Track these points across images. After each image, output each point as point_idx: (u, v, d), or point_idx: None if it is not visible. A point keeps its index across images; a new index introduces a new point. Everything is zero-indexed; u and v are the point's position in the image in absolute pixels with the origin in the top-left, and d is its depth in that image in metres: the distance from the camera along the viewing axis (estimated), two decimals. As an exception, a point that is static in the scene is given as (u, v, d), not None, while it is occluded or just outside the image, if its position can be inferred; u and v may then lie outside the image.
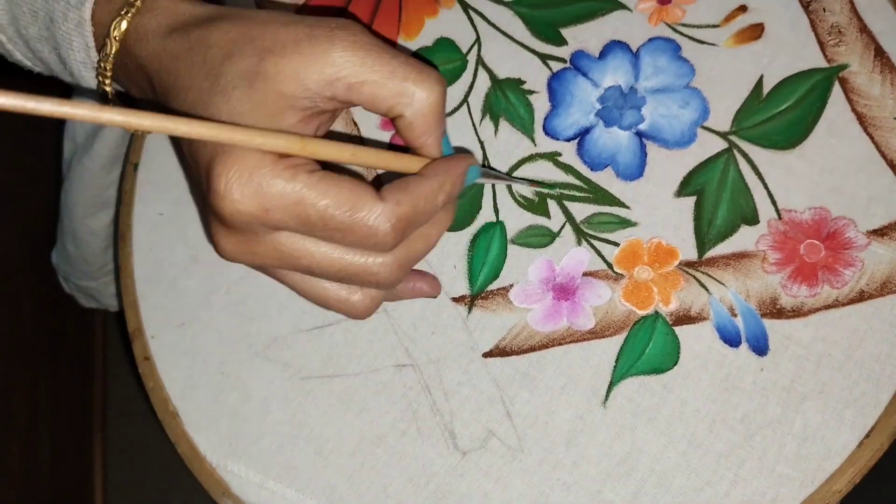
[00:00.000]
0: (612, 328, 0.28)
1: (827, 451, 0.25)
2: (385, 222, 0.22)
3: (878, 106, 0.29)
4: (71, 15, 0.25)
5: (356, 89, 0.22)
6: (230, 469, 0.29)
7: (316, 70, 0.22)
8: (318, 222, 0.21)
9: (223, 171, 0.21)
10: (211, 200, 0.21)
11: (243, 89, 0.22)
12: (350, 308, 0.25)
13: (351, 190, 0.22)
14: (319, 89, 0.22)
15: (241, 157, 0.21)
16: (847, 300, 0.27)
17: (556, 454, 0.27)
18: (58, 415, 0.71)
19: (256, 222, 0.21)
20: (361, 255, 0.23)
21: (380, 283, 0.24)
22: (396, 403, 0.28)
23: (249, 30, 0.23)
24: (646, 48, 0.31)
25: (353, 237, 0.22)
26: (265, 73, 0.22)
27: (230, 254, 0.23)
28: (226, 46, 0.23)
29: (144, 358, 0.31)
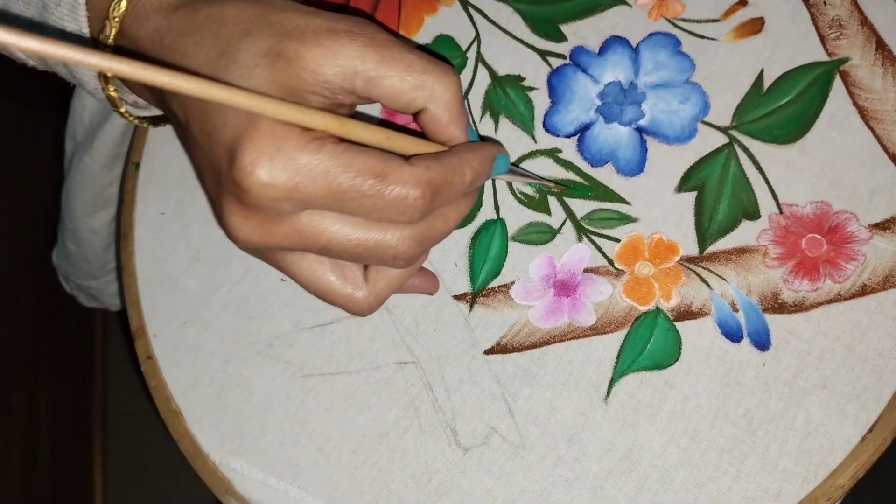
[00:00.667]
0: (613, 324, 0.28)
1: (830, 446, 0.25)
2: (416, 186, 0.21)
3: (880, 99, 0.29)
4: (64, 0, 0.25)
5: (376, 83, 0.22)
6: (233, 467, 0.29)
7: (336, 62, 0.21)
8: (349, 190, 0.21)
9: (250, 145, 0.20)
10: (236, 177, 0.21)
11: (265, 67, 0.21)
12: (353, 303, 0.25)
13: (380, 157, 0.21)
14: (340, 82, 0.22)
15: (269, 131, 0.20)
16: (849, 294, 0.27)
17: (557, 450, 0.27)
18: (58, 415, 0.71)
19: (284, 198, 0.21)
20: (381, 229, 0.22)
21: (397, 258, 0.23)
22: (398, 401, 0.28)
23: (266, 13, 0.22)
24: (645, 43, 0.30)
25: (383, 202, 0.21)
26: (286, 55, 0.21)
27: (246, 236, 0.22)
28: (241, 24, 0.22)
29: (147, 357, 0.31)
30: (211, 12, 0.22)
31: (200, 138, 0.22)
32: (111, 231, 0.52)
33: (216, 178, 0.22)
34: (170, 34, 0.23)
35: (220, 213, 0.22)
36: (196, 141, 0.23)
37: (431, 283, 0.28)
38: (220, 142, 0.21)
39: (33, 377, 0.67)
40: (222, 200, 0.22)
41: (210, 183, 0.23)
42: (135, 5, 0.24)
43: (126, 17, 0.24)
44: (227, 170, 0.21)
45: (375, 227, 0.22)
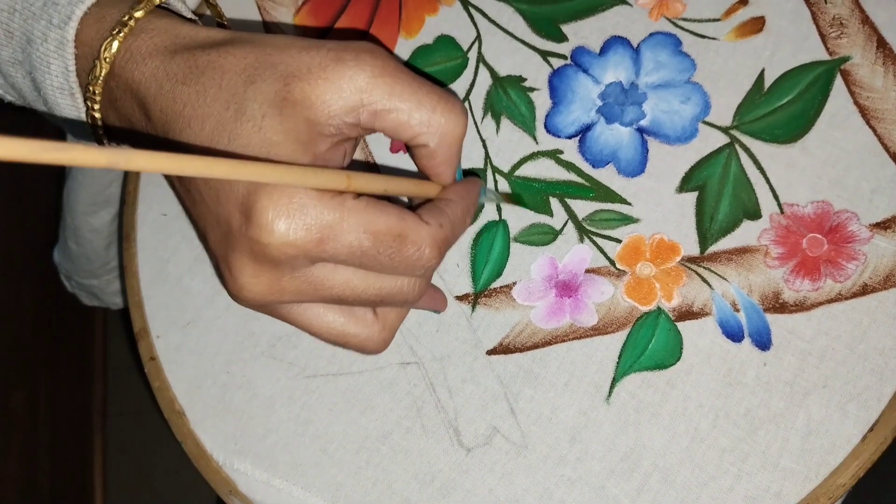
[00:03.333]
0: (614, 324, 0.28)
1: (831, 445, 0.25)
2: (433, 246, 0.22)
3: (881, 98, 0.29)
4: (52, 35, 0.23)
5: (381, 117, 0.22)
6: (236, 467, 0.29)
7: (342, 96, 0.21)
8: (370, 249, 0.21)
9: (269, 203, 0.20)
10: (253, 234, 0.20)
11: (273, 117, 0.21)
12: (368, 343, 0.24)
13: (397, 215, 0.21)
14: (345, 116, 0.21)
15: (287, 189, 0.20)
16: (850, 294, 0.27)
17: (559, 450, 0.27)
18: (58, 415, 0.71)
19: (304, 255, 0.20)
20: (394, 279, 0.22)
21: (409, 302, 0.23)
22: (401, 401, 0.28)
23: (268, 55, 0.21)
24: (646, 43, 0.30)
25: (400, 261, 0.21)
26: (293, 99, 0.21)
27: (256, 294, 0.21)
28: (245, 72, 0.21)
29: (150, 358, 0.31)
30: (210, 60, 0.22)
31: (205, 192, 0.21)
32: (112, 230, 0.52)
33: (223, 235, 0.21)
34: (168, 81, 0.22)
35: (226, 270, 0.21)
36: (199, 194, 0.22)
37: (440, 302, 0.28)
38: (232, 198, 0.20)
39: (33, 377, 0.67)
40: (231, 257, 0.21)
41: (214, 238, 0.22)
42: (128, 47, 0.23)
43: (118, 58, 0.23)
44: (240, 226, 0.20)
45: (387, 277, 0.22)
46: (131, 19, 0.23)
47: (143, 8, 0.23)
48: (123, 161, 0.15)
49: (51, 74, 0.24)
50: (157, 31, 0.23)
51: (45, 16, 0.23)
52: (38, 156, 0.14)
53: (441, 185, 0.24)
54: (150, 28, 0.23)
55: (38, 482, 0.65)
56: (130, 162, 0.16)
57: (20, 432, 0.63)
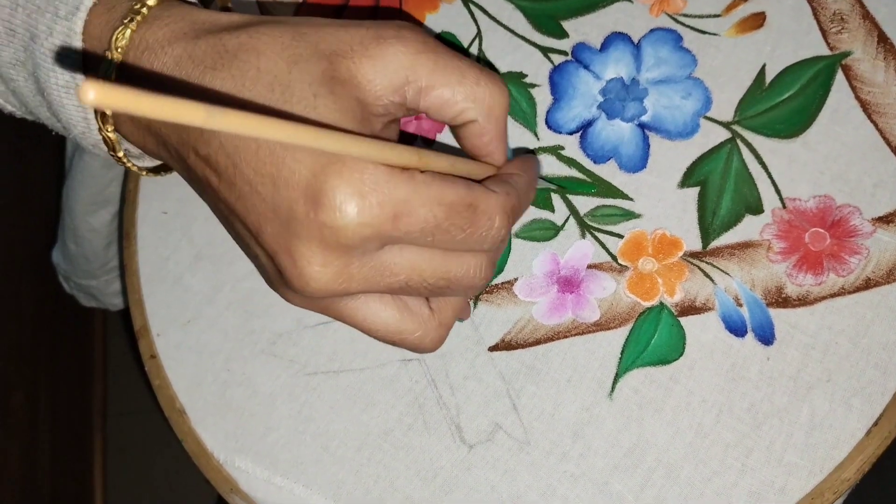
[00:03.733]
0: (617, 320, 0.28)
1: (835, 440, 0.25)
2: (503, 214, 0.21)
3: (882, 93, 0.29)
4: (58, 28, 0.22)
5: (426, 93, 0.21)
6: (237, 465, 0.29)
7: (387, 74, 0.20)
8: (444, 221, 0.20)
9: (339, 182, 0.18)
10: (325, 218, 0.19)
11: (326, 97, 0.19)
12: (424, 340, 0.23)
13: (466, 186, 0.20)
14: (391, 95, 0.20)
15: (356, 166, 0.18)
16: (853, 288, 0.27)
17: (562, 446, 0.27)
18: (58, 415, 0.71)
19: (377, 235, 0.19)
20: (461, 259, 0.21)
21: (476, 287, 0.22)
22: (402, 398, 0.28)
23: (305, 34, 0.20)
24: (647, 39, 0.30)
25: (472, 231, 0.20)
26: (341, 78, 0.20)
27: (324, 285, 0.20)
28: (284, 52, 0.20)
29: (150, 356, 0.30)
30: (241, 42, 0.20)
31: (257, 181, 0.20)
32: (111, 230, 0.52)
33: (284, 224, 0.20)
34: (196, 67, 0.20)
35: (290, 263, 0.20)
36: (249, 186, 0.20)
37: (465, 308, 0.27)
38: (292, 183, 0.19)
39: (33, 377, 0.67)
40: (296, 247, 0.19)
41: (272, 230, 0.20)
42: (143, 37, 0.21)
43: (132, 49, 0.21)
44: (307, 212, 0.19)
45: (454, 257, 0.21)
46: (143, 6, 0.21)
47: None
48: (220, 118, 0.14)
49: (56, 72, 0.22)
50: (174, 17, 0.21)
51: (50, 8, 0.22)
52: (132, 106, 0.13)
53: (495, 166, 0.23)
54: (165, 15, 0.21)
55: (38, 482, 0.65)
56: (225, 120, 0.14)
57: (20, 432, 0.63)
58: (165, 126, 0.21)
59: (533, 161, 0.24)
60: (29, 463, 0.64)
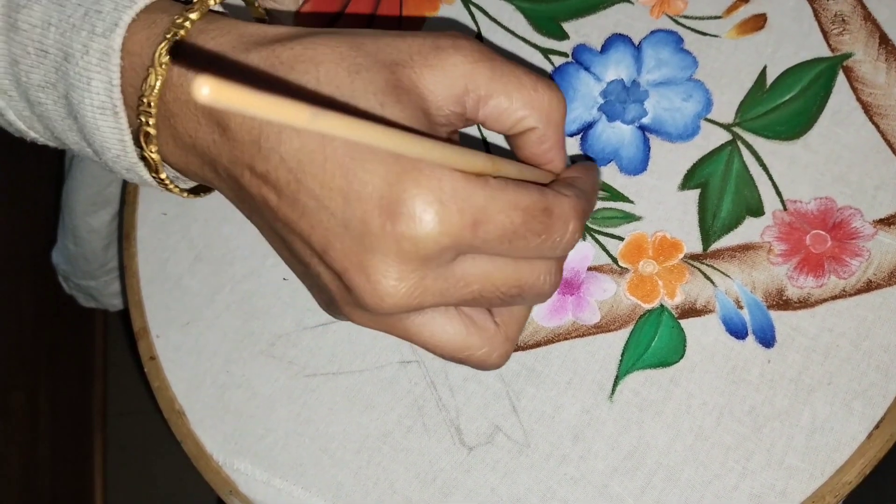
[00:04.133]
0: (617, 322, 0.28)
1: (836, 443, 0.25)
2: (576, 217, 0.20)
3: (884, 94, 0.29)
4: (95, 45, 0.20)
5: (485, 102, 0.20)
6: (236, 467, 0.28)
7: (448, 83, 0.20)
8: (521, 227, 0.19)
9: (418, 191, 0.18)
10: (402, 229, 0.18)
11: (394, 106, 0.19)
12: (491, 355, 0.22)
13: (539, 189, 0.20)
14: (452, 105, 0.20)
15: (434, 174, 0.18)
16: (854, 290, 0.27)
17: (562, 449, 0.27)
18: (58, 415, 0.71)
19: (456, 245, 0.19)
20: (532, 266, 0.21)
21: (546, 294, 0.22)
22: (402, 400, 0.28)
23: (361, 44, 0.20)
24: (648, 41, 0.30)
25: (548, 235, 0.20)
26: (405, 87, 0.19)
27: (400, 300, 0.19)
28: (343, 62, 0.19)
29: (150, 357, 0.30)
30: (296, 53, 0.19)
31: (325, 196, 0.19)
32: (110, 230, 0.52)
33: (357, 240, 0.19)
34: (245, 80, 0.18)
35: (363, 279, 0.19)
36: (316, 201, 0.19)
37: None
38: (365, 195, 0.18)
39: (33, 377, 0.67)
40: (370, 262, 0.19)
41: (342, 247, 0.19)
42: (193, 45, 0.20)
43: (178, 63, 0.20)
44: (382, 224, 0.18)
45: (525, 264, 0.21)
46: (186, 21, 0.20)
47: (198, 9, 0.21)
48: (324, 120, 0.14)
49: (91, 92, 0.21)
50: (220, 30, 0.20)
51: (86, 26, 0.20)
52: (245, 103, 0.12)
53: (555, 174, 0.23)
54: (211, 29, 0.20)
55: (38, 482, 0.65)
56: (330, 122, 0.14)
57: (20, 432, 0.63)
58: (216, 145, 0.20)
59: (593, 166, 0.24)
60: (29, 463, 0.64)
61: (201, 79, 0.12)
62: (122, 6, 0.21)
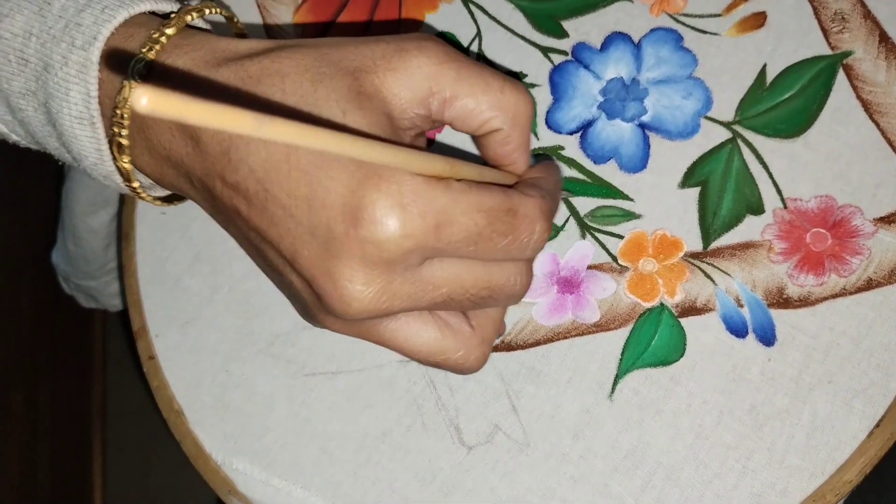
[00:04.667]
0: (617, 321, 0.28)
1: (837, 442, 0.25)
2: (542, 217, 0.20)
3: (884, 92, 0.28)
4: (74, 58, 0.21)
5: (450, 104, 0.21)
6: (235, 467, 0.28)
7: (412, 86, 0.20)
8: (486, 229, 0.19)
9: (379, 196, 0.18)
10: (365, 233, 0.18)
11: (355, 112, 0.19)
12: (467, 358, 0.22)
13: (503, 190, 0.20)
14: (417, 107, 0.20)
15: (394, 178, 0.18)
16: (855, 289, 0.27)
17: (562, 448, 0.27)
18: (57, 415, 0.71)
19: (420, 248, 0.19)
20: (502, 268, 0.21)
21: (517, 296, 0.22)
22: (401, 399, 0.28)
23: (326, 54, 0.20)
24: (647, 39, 0.30)
25: (514, 237, 0.20)
26: (367, 92, 0.19)
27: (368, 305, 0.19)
28: (307, 72, 0.20)
29: (149, 357, 0.30)
30: (263, 66, 0.20)
31: (290, 204, 0.19)
32: (110, 231, 0.52)
33: (322, 246, 0.19)
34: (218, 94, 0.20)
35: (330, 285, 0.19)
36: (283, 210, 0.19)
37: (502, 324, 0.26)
38: (329, 202, 0.18)
39: (33, 377, 0.67)
40: (336, 268, 0.19)
41: (309, 254, 0.19)
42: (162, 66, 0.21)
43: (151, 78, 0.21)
44: (346, 230, 0.18)
45: (496, 266, 0.21)
46: (162, 36, 0.21)
47: (175, 25, 0.21)
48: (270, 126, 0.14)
49: (69, 102, 0.21)
50: (193, 45, 0.21)
51: (66, 38, 0.21)
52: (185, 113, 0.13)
53: (518, 175, 0.23)
54: (185, 44, 0.21)
55: (38, 482, 0.65)
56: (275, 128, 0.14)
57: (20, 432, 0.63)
58: (189, 157, 0.21)
59: (555, 164, 0.24)
60: (29, 463, 0.64)
61: (141, 90, 0.12)
62: (102, 20, 0.21)
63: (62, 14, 0.21)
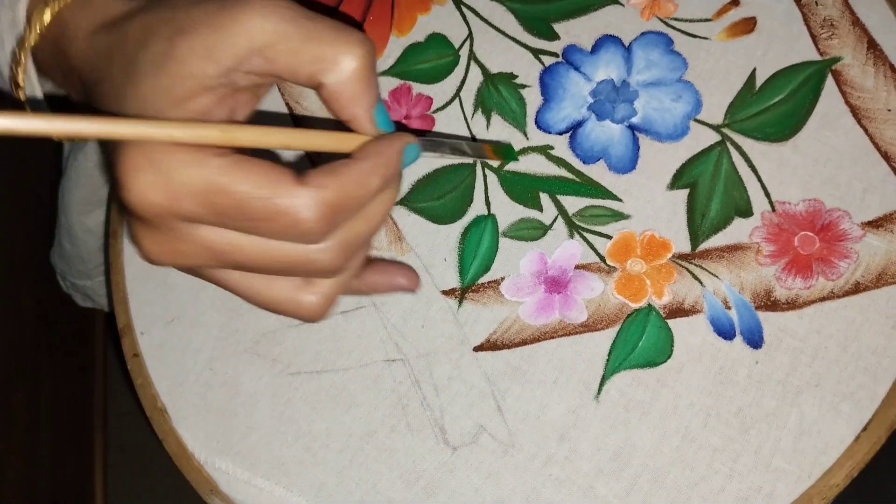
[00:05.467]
0: (604, 321, 0.27)
1: (823, 445, 0.25)
2: (309, 209, 0.20)
3: (872, 98, 0.28)
4: (3, 15, 0.25)
5: (272, 59, 0.20)
6: (218, 466, 0.28)
7: (229, 43, 0.20)
8: (233, 212, 0.19)
9: (127, 161, 0.19)
10: (120, 195, 0.20)
11: (151, 75, 0.20)
12: (300, 309, 0.22)
13: (267, 175, 0.19)
14: (234, 64, 0.20)
15: (144, 146, 0.19)
16: (842, 292, 0.26)
17: (547, 449, 0.26)
18: (58, 415, 0.71)
19: (168, 214, 0.20)
20: (293, 246, 0.21)
21: (323, 271, 0.21)
22: (386, 399, 0.28)
23: (165, 15, 0.21)
24: (638, 42, 0.30)
25: (275, 226, 0.20)
26: (175, 55, 0.20)
27: (155, 255, 0.21)
28: (142, 36, 0.21)
29: (133, 354, 0.30)
30: (121, 29, 0.22)
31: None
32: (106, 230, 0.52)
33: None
34: (92, 54, 0.23)
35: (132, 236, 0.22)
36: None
37: (411, 279, 0.26)
38: (112, 161, 0.21)
39: (33, 377, 0.66)
40: (128, 222, 0.21)
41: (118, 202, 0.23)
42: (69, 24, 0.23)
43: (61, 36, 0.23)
44: (117, 189, 0.20)
45: (283, 243, 0.21)
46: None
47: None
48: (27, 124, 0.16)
49: (5, 52, 0.25)
50: (93, 7, 0.23)
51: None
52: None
53: (360, 139, 0.22)
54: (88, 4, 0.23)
55: (38, 482, 0.64)
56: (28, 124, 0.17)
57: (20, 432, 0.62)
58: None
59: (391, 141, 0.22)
60: (29, 463, 0.63)
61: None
62: None
63: None
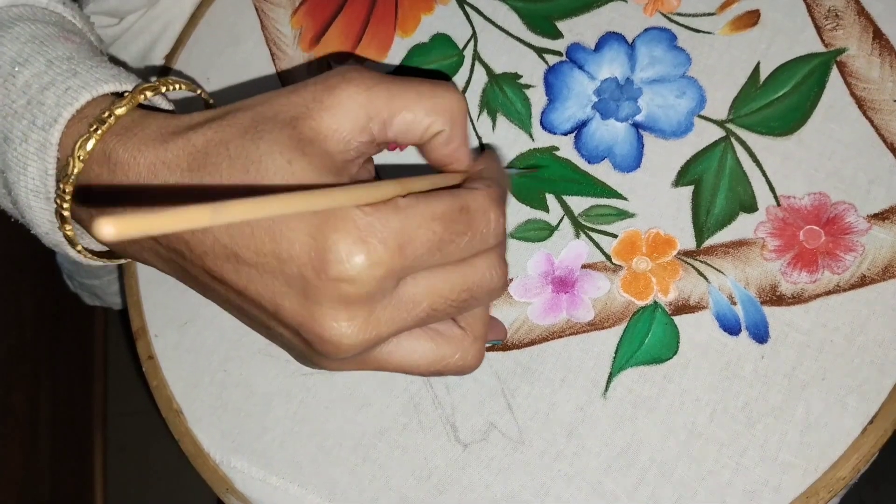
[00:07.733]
0: (611, 319, 0.28)
1: (830, 439, 0.25)
2: (494, 205, 0.21)
3: (878, 89, 0.28)
4: (34, 136, 0.22)
5: (390, 122, 0.21)
6: (233, 465, 0.29)
7: (349, 118, 0.21)
8: (444, 234, 0.20)
9: (338, 235, 0.19)
10: (335, 273, 0.19)
11: (300, 160, 0.20)
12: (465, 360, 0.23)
13: (449, 192, 0.21)
14: (359, 136, 0.21)
15: (347, 215, 0.19)
16: (848, 286, 0.27)
17: (556, 446, 0.27)
18: (58, 415, 0.71)
19: (389, 273, 0.19)
20: (474, 266, 0.21)
21: (497, 289, 0.22)
22: (398, 397, 0.28)
23: (259, 112, 0.21)
24: (641, 39, 0.30)
25: (474, 232, 0.21)
26: (307, 137, 0.20)
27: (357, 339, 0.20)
28: (247, 133, 0.20)
29: (148, 357, 0.31)
30: (207, 137, 0.21)
31: (260, 262, 0.20)
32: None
33: (300, 294, 0.20)
34: (172, 173, 0.21)
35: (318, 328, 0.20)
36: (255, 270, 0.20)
37: (500, 329, 0.27)
38: (295, 252, 0.19)
39: (33, 377, 0.67)
40: (319, 312, 0.20)
41: (291, 305, 0.20)
42: (112, 147, 0.22)
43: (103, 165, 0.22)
44: (317, 274, 0.19)
45: (467, 266, 0.21)
46: (111, 116, 0.22)
47: (126, 105, 0.22)
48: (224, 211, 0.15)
49: (27, 176, 0.23)
50: (142, 125, 0.22)
51: (27, 115, 0.22)
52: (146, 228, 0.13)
53: (464, 171, 0.24)
54: (132, 126, 0.22)
55: (38, 482, 0.65)
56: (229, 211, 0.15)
57: (20, 432, 0.63)
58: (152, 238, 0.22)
59: (490, 151, 0.25)
60: (29, 463, 0.64)
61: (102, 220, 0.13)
62: (64, 103, 0.22)
63: (25, 90, 0.22)
